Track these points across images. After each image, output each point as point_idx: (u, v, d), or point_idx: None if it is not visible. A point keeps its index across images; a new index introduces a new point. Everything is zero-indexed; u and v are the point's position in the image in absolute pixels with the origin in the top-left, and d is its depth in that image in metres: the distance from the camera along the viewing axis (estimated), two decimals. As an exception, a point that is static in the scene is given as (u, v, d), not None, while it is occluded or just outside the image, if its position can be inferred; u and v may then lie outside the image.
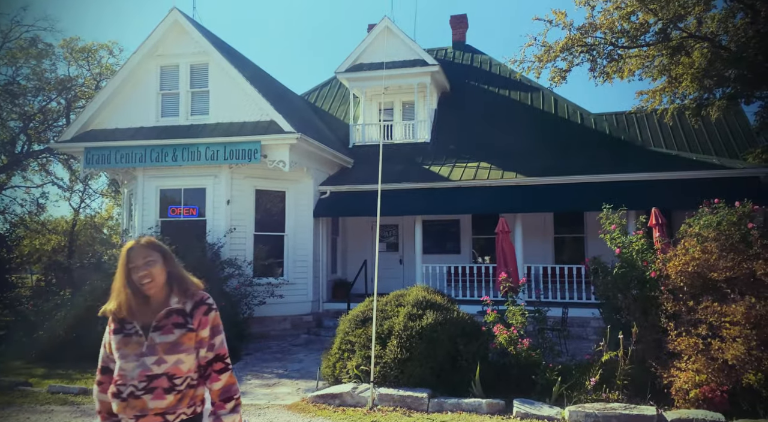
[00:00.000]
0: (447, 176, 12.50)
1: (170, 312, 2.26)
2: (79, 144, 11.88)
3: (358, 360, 6.10)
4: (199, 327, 2.25)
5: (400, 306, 6.51)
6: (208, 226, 11.42)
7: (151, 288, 2.26)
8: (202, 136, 11.35)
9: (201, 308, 2.28)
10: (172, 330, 2.22)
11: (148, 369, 2.16)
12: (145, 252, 2.29)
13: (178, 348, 2.19)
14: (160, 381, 2.15)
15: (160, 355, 2.17)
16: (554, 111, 14.60)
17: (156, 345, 2.19)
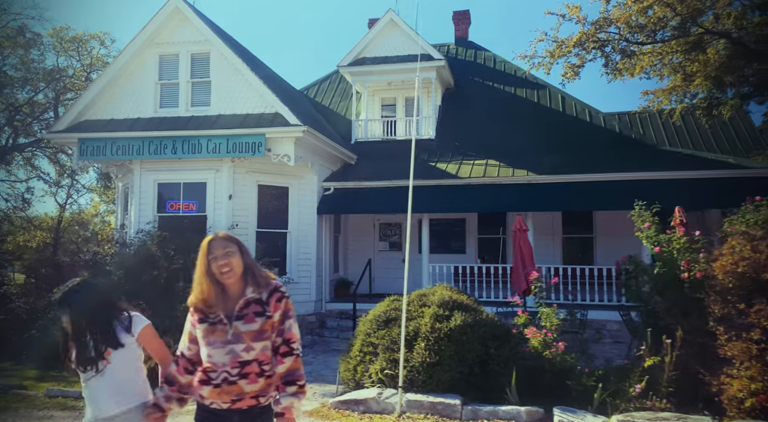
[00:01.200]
0: (455, 173, 12.17)
1: (248, 302, 2.36)
2: (72, 134, 11.34)
3: (383, 364, 5.73)
4: (274, 313, 2.37)
5: (425, 306, 6.16)
6: (209, 222, 10.97)
7: (230, 278, 2.35)
8: (203, 128, 10.89)
9: (275, 295, 2.41)
10: (254, 319, 2.33)
11: (239, 355, 2.29)
12: (224, 244, 2.42)
13: (262, 336, 2.32)
14: (251, 366, 2.30)
15: (247, 343, 2.30)
16: (562, 109, 14.35)
17: (242, 334, 2.31)
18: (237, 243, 2.45)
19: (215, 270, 2.35)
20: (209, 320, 2.35)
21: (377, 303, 12.37)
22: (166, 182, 11.37)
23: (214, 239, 2.44)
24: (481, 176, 11.84)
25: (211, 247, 2.40)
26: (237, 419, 2.33)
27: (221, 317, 2.34)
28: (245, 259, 2.43)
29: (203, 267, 2.38)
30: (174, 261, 9.43)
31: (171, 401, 2.50)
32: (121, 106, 11.61)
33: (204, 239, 2.45)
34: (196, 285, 2.39)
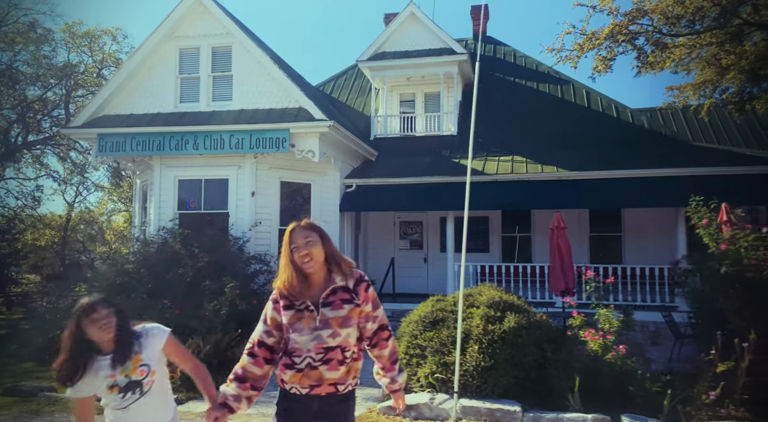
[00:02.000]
0: (481, 170, 11.87)
1: (336, 290, 2.38)
2: (91, 130, 11.09)
3: (432, 367, 5.45)
4: (363, 303, 2.40)
5: (472, 307, 5.88)
6: (231, 219, 10.71)
7: (311, 267, 2.35)
8: (225, 123, 10.62)
9: (362, 285, 2.43)
10: (341, 305, 2.35)
11: (324, 341, 2.31)
12: (305, 233, 2.39)
13: (348, 322, 2.34)
14: (334, 353, 2.31)
15: (334, 329, 2.31)
16: (587, 104, 14.03)
17: (329, 320, 2.32)
18: (318, 232, 2.43)
19: (297, 260, 2.35)
20: (296, 307, 2.34)
21: (407, 304, 12.20)
22: (186, 179, 11.10)
23: (296, 229, 2.43)
24: (508, 172, 11.55)
25: (292, 237, 2.40)
26: (317, 405, 2.33)
27: (308, 304, 2.34)
28: (327, 248, 2.42)
29: (286, 257, 2.38)
30: (199, 259, 9.18)
31: (240, 400, 2.42)
32: (140, 101, 11.35)
33: (288, 227, 2.45)
34: (281, 273, 2.39)
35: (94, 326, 2.40)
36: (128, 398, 2.42)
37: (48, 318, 8.32)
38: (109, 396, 2.41)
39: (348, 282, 2.40)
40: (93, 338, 2.42)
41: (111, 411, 2.46)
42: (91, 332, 2.40)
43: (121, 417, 2.45)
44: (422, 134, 14.57)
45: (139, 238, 10.83)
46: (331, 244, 2.44)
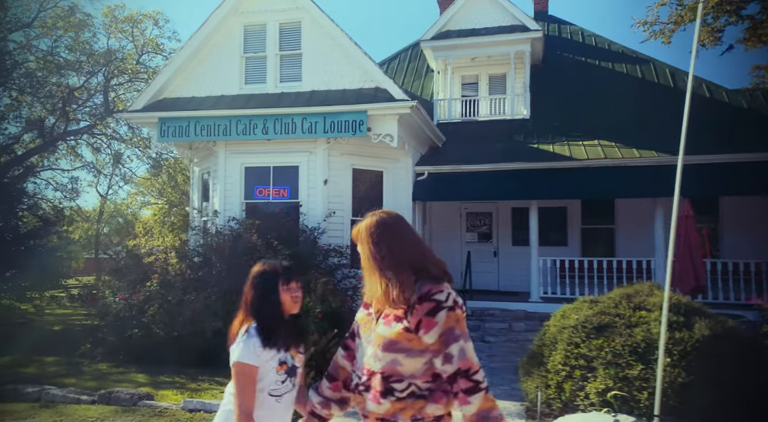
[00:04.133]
0: (569, 155, 10.92)
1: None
2: (151, 114, 10.37)
3: (608, 382, 4.60)
4: (419, 329, 1.81)
5: (641, 309, 5.01)
6: (302, 209, 9.93)
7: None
8: (296, 106, 9.82)
9: (425, 305, 1.81)
10: (390, 322, 1.87)
11: (368, 361, 1.90)
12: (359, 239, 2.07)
13: (393, 346, 1.82)
14: (374, 379, 1.85)
15: (375, 348, 1.87)
16: (672, 84, 12.97)
17: (376, 336, 1.88)
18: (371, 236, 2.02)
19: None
20: (367, 310, 2.00)
21: (486, 301, 11.37)
22: (253, 166, 10.35)
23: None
24: (601, 158, 10.58)
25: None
26: None
27: (373, 311, 1.96)
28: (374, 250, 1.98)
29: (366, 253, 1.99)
30: (279, 252, 8.42)
31: (329, 405, 2.07)
32: (202, 83, 10.61)
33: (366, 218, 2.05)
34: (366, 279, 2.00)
35: (288, 295, 2.23)
36: (286, 385, 2.19)
37: (123, 315, 7.62)
38: (271, 375, 2.16)
39: (411, 296, 1.83)
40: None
41: (264, 397, 2.15)
42: (284, 299, 2.23)
43: (273, 407, 2.16)
44: (486, 118, 13.69)
45: (205, 230, 10.10)
46: (373, 245, 1.98)
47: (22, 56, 16.78)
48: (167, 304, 7.78)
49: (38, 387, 5.88)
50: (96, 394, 5.65)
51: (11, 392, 5.76)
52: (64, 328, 11.06)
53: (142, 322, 7.44)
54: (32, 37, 17.37)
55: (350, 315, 8.20)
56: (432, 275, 1.87)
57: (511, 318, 10.33)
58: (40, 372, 7.12)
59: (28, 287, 12.37)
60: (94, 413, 5.23)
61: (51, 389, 5.83)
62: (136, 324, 7.61)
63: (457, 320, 1.80)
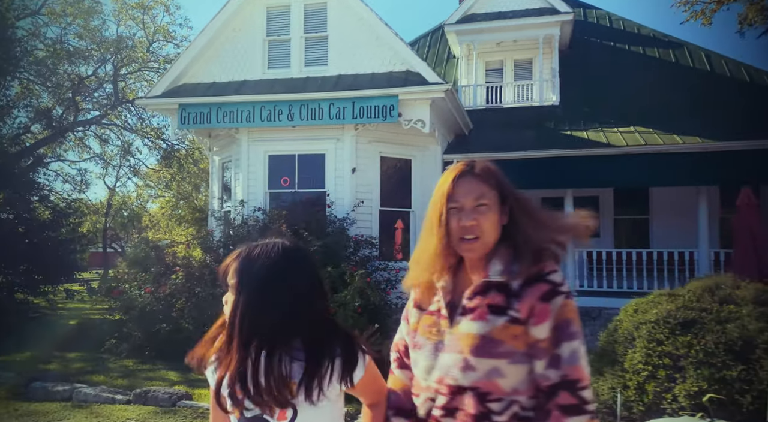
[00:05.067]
0: (606, 142, 10.44)
1: (488, 286, 1.37)
2: (171, 100, 9.93)
3: (701, 384, 4.18)
4: (530, 319, 1.31)
5: (728, 303, 4.58)
6: (329, 199, 9.50)
7: (472, 250, 1.39)
8: (324, 90, 9.37)
9: (538, 287, 1.33)
10: (484, 315, 1.34)
11: (449, 374, 1.33)
12: (476, 188, 1.41)
13: (493, 349, 1.30)
14: (463, 398, 1.31)
15: (465, 355, 1.32)
16: (709, 68, 12.47)
17: (461, 337, 1.34)
18: (499, 188, 1.43)
19: (454, 230, 1.40)
20: (424, 308, 1.47)
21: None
22: (278, 154, 9.92)
23: (463, 175, 1.43)
24: (641, 144, 10.10)
25: (456, 189, 1.42)
26: None
27: (441, 304, 1.42)
28: (514, 215, 1.42)
29: (435, 219, 1.43)
30: (310, 243, 8.00)
31: None
32: (223, 68, 10.15)
33: (449, 172, 1.48)
34: (417, 247, 1.48)
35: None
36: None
37: (150, 309, 7.22)
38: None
39: (512, 279, 1.36)
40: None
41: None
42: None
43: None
44: (511, 105, 13.21)
45: (227, 221, 9.69)
46: (522, 212, 1.42)
47: (30, 44, 16.33)
48: (195, 298, 7.38)
49: (69, 386, 5.52)
50: (131, 393, 5.27)
51: (41, 391, 5.39)
52: (81, 323, 10.72)
53: (171, 316, 7.04)
54: (40, 24, 16.92)
55: (388, 310, 7.82)
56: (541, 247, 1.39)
57: (546, 312, 9.92)
58: (64, 369, 6.75)
59: (42, 280, 12.03)
60: (131, 413, 4.86)
61: (82, 388, 5.47)
62: (162, 318, 7.22)
63: (574, 311, 1.35)
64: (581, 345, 1.33)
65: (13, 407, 5.09)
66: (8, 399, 5.42)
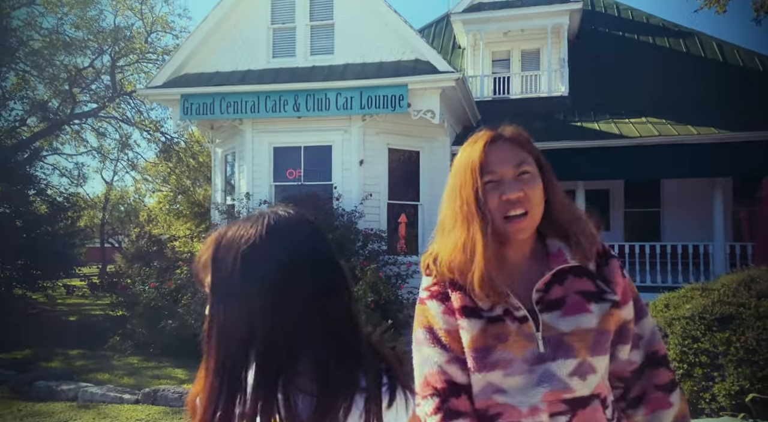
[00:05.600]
0: (619, 133, 10.22)
1: (563, 273, 1.15)
2: (173, 90, 9.66)
3: (742, 383, 3.98)
4: (623, 298, 1.18)
5: (765, 297, 4.37)
6: (336, 192, 9.27)
7: (525, 229, 1.14)
8: (330, 80, 9.11)
9: (613, 263, 1.21)
10: (584, 304, 1.13)
11: (563, 385, 1.07)
12: (517, 154, 1.18)
13: (605, 343, 1.13)
14: (589, 412, 1.08)
15: (582, 357, 1.09)
16: (721, 58, 12.25)
17: (566, 338, 1.10)
18: (536, 154, 1.22)
19: (495, 207, 1.13)
20: (484, 314, 1.12)
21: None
22: (283, 146, 9.67)
23: (495, 141, 1.19)
24: (654, 135, 9.89)
25: (489, 158, 1.16)
26: None
27: (514, 308, 1.12)
28: (551, 189, 1.19)
29: (470, 198, 1.14)
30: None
31: None
32: (226, 57, 9.87)
33: (477, 139, 1.22)
34: (443, 241, 1.18)
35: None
36: None
37: (155, 305, 6.99)
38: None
39: (587, 261, 1.18)
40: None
41: None
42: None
43: None
44: (518, 96, 12.98)
45: (231, 214, 9.45)
46: (556, 185, 1.23)
47: (26, 34, 15.98)
48: (201, 293, 7.16)
49: (74, 385, 5.30)
50: (139, 393, 5.05)
51: (45, 390, 5.17)
52: (82, 319, 10.49)
53: (176, 312, 6.81)
54: (36, 14, 16.54)
55: (399, 305, 7.61)
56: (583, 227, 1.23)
57: (558, 307, 9.73)
58: (66, 366, 6.52)
59: (40, 276, 11.77)
60: (141, 414, 4.64)
61: (88, 387, 5.24)
62: (168, 314, 6.99)
63: (633, 285, 1.26)
64: (649, 315, 1.26)
65: (17, 407, 4.88)
66: (11, 398, 5.20)
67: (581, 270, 1.17)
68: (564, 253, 1.17)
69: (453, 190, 1.18)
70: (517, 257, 1.18)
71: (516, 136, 1.21)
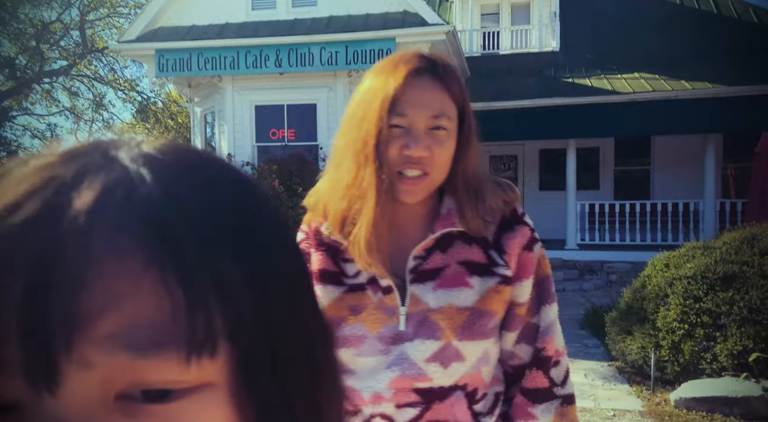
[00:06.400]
0: (612, 89, 9.96)
1: (449, 238, 0.94)
2: (147, 45, 9.10)
3: (746, 342, 3.91)
4: (517, 275, 0.95)
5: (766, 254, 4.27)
6: (323, 153, 8.94)
7: (417, 192, 0.91)
8: (314, 33, 8.64)
9: (520, 231, 0.96)
10: (464, 277, 0.92)
11: (416, 371, 0.89)
12: (439, 101, 0.91)
13: (484, 325, 0.91)
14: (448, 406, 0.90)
15: (447, 339, 0.90)
16: (716, 10, 11.93)
17: (431, 314, 0.90)
18: (462, 103, 0.94)
19: (393, 157, 0.89)
20: (347, 281, 0.93)
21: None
22: (265, 104, 9.25)
23: (420, 73, 0.90)
24: (648, 90, 9.66)
25: (406, 95, 0.89)
26: None
27: (380, 273, 0.90)
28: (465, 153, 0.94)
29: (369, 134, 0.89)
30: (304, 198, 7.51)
31: None
32: (203, 10, 9.28)
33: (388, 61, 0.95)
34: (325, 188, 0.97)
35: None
36: None
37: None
38: None
39: (485, 226, 0.95)
40: None
41: None
42: None
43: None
44: (508, 52, 12.62)
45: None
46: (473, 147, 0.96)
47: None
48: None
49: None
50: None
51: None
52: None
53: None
54: (-4, -36, 15.45)
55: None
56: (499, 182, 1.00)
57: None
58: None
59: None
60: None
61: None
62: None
63: (548, 264, 1.01)
64: (555, 307, 1.00)
65: None
66: None
67: (470, 237, 0.95)
68: (453, 215, 0.95)
69: (352, 120, 0.94)
70: (406, 216, 0.97)
71: (447, 76, 0.93)
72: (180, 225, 0.23)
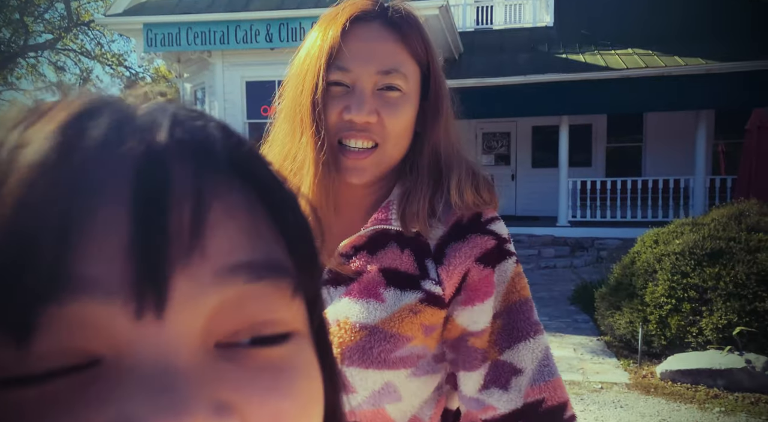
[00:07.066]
0: (605, 65, 9.91)
1: (384, 237, 0.74)
2: (135, 19, 8.91)
3: (730, 316, 4.01)
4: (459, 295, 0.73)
5: (756, 231, 4.36)
6: (315, 129, 8.88)
7: (364, 169, 0.73)
8: (305, 7, 8.49)
9: (475, 240, 0.73)
10: (378, 286, 0.72)
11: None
12: (390, 52, 0.74)
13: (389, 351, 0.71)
14: None
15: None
16: (710, -15, 11.78)
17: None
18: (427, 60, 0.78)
19: (332, 123, 0.73)
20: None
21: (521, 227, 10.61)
22: (256, 80, 9.13)
23: (366, 18, 0.74)
24: (641, 67, 9.62)
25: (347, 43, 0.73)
26: None
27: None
28: (434, 123, 0.78)
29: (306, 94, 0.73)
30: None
31: None
32: (190, -19, 9.08)
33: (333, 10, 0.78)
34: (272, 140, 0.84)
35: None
36: None
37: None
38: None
39: (428, 228, 0.74)
40: None
41: None
42: None
43: None
44: (501, 27, 12.51)
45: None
46: (444, 116, 0.80)
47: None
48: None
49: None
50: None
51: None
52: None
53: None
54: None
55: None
56: (478, 173, 0.81)
57: (539, 244, 9.78)
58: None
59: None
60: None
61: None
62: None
63: (526, 286, 0.78)
64: (547, 347, 0.76)
65: None
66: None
67: (414, 240, 0.75)
68: (390, 210, 0.77)
69: (290, 79, 0.82)
70: (353, 201, 0.79)
71: (403, 25, 0.76)
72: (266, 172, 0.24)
